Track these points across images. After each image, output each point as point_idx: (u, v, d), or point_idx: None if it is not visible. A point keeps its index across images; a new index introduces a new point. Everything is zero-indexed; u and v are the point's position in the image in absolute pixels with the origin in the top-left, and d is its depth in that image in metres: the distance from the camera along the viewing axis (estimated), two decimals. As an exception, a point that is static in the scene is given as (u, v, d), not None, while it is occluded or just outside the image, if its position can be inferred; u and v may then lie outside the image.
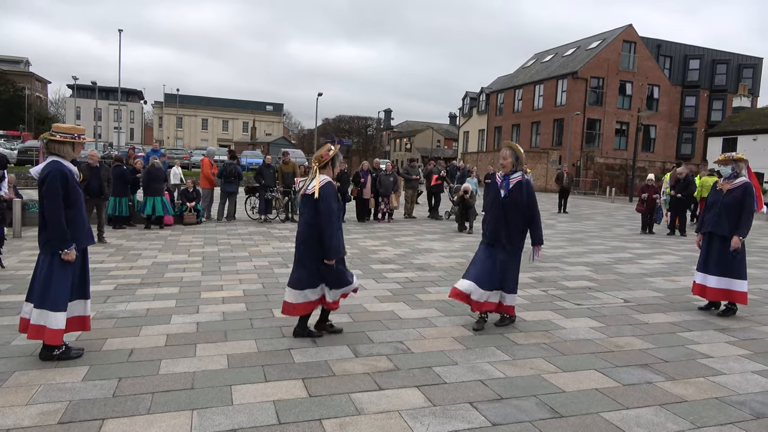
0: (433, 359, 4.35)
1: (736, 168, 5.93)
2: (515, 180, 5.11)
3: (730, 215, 5.80)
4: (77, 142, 4.17)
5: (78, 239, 4.07)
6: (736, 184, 5.85)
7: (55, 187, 3.93)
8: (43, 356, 4.09)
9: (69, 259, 3.98)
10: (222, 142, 77.31)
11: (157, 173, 12.38)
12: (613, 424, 3.32)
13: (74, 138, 4.14)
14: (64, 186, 3.97)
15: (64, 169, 4.01)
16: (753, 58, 45.95)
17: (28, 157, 30.13)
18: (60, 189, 3.94)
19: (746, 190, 5.79)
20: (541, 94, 41.97)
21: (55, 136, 4.08)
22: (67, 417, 3.22)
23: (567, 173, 20.42)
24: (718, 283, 5.85)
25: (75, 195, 4.06)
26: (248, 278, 7.23)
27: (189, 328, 5.00)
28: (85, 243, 4.18)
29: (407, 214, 16.04)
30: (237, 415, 3.30)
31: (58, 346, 4.07)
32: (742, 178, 5.88)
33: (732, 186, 5.87)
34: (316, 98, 45.62)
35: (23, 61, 77.02)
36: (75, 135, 4.16)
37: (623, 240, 12.51)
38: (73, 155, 4.20)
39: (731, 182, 5.90)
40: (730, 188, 5.87)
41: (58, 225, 3.92)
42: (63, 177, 3.97)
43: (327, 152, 4.67)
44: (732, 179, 5.91)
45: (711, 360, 4.52)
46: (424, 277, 7.58)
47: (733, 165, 5.94)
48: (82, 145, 4.28)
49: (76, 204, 4.08)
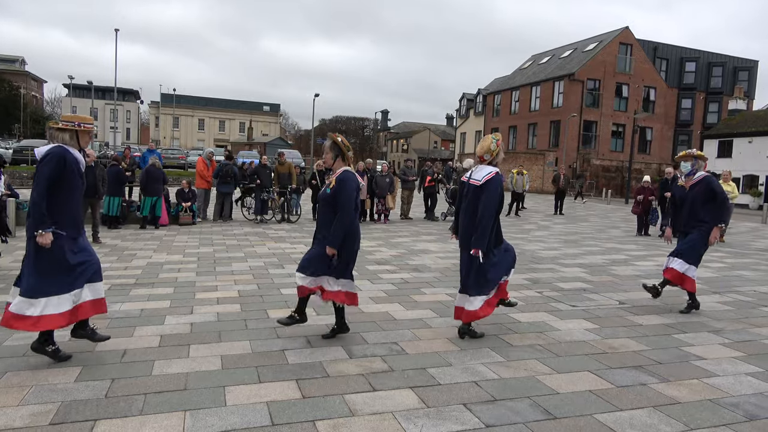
0: (427, 360, 4.35)
1: (696, 164, 6.13)
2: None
3: (698, 210, 5.99)
4: (79, 130, 4.08)
5: (64, 226, 3.93)
6: (697, 179, 6.07)
7: (47, 169, 3.84)
8: (34, 346, 4.03)
9: (42, 242, 3.80)
10: (219, 142, 77.09)
11: (155, 173, 12.36)
12: (607, 426, 3.32)
13: (75, 126, 4.07)
14: (59, 169, 3.87)
15: (66, 154, 3.93)
16: (748, 60, 46.20)
17: (23, 157, 30.03)
18: (53, 171, 3.85)
19: (708, 182, 6.00)
20: (537, 95, 42.07)
21: (58, 124, 4.07)
22: (59, 418, 3.20)
23: (563, 175, 20.46)
24: (684, 269, 6.05)
25: (72, 181, 3.96)
26: (243, 279, 7.22)
27: (183, 328, 4.98)
28: (71, 232, 4.00)
29: (404, 215, 16.04)
30: (230, 416, 3.29)
31: (50, 342, 4.03)
32: (701, 173, 6.11)
33: (693, 181, 6.09)
34: (313, 99, 45.56)
35: (19, 60, 76.74)
36: (76, 123, 4.09)
37: (618, 242, 12.53)
38: (75, 144, 4.08)
39: (691, 178, 6.12)
40: (693, 183, 6.08)
41: (38, 205, 3.80)
42: (61, 160, 3.88)
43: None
44: (692, 175, 6.13)
45: (705, 362, 4.53)
46: (420, 279, 7.58)
47: (692, 161, 6.13)
48: (88, 134, 4.17)
49: (70, 190, 3.96)
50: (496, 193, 4.70)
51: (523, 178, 18.68)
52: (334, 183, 4.61)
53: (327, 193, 4.64)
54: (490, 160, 4.87)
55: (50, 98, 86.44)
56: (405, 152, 71.18)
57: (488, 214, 4.64)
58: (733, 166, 28.87)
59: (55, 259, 3.92)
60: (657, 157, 40.27)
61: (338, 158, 4.71)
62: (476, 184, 4.77)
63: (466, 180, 4.95)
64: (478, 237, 4.65)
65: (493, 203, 4.67)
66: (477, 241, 4.66)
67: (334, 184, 4.60)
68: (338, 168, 4.71)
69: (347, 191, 4.54)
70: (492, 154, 4.87)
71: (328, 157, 4.74)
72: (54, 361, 4.04)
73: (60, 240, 3.92)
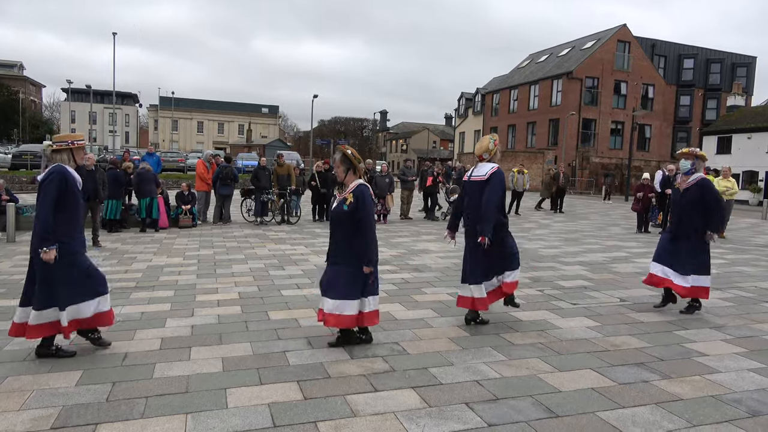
0: (428, 360, 4.34)
1: (696, 164, 5.92)
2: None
3: (690, 215, 5.82)
4: (73, 147, 4.31)
5: (66, 243, 4.11)
6: (691, 182, 5.87)
7: (52, 188, 4.04)
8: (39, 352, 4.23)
9: (47, 258, 3.97)
10: (218, 144, 77.12)
11: (147, 175, 12.40)
12: (609, 424, 3.31)
13: (68, 145, 4.29)
14: (61, 188, 4.07)
15: (66, 174, 4.14)
16: (747, 57, 46.23)
17: (22, 161, 30.04)
18: (56, 190, 4.04)
19: (703, 187, 5.80)
20: (536, 94, 42.07)
21: (53, 146, 4.27)
22: (60, 422, 3.20)
23: (563, 173, 20.47)
24: (694, 281, 5.82)
25: (72, 200, 4.15)
26: (244, 281, 7.21)
27: (184, 331, 4.97)
28: (80, 248, 4.26)
29: (403, 215, 16.03)
30: (232, 419, 3.28)
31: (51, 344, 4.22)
32: (697, 174, 5.91)
33: (688, 184, 5.89)
34: (312, 100, 45.58)
35: (17, 65, 76.74)
36: (69, 141, 4.32)
37: (619, 239, 12.52)
38: (72, 161, 4.31)
39: (687, 179, 5.93)
40: (687, 187, 5.89)
41: (44, 222, 3.98)
42: (62, 180, 4.09)
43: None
44: (689, 175, 5.93)
45: (707, 358, 4.52)
46: (420, 278, 7.57)
47: (693, 160, 5.92)
48: (81, 150, 4.41)
49: (70, 208, 4.15)
50: (499, 185, 4.95)
51: (524, 177, 18.89)
52: (351, 199, 4.41)
53: (344, 210, 4.43)
54: (489, 159, 5.12)
55: (49, 103, 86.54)
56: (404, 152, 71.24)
57: (492, 202, 4.89)
58: (732, 162, 28.87)
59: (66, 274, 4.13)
60: (656, 155, 40.26)
61: (350, 171, 4.55)
62: (481, 179, 5.00)
63: (467, 179, 5.16)
64: (483, 225, 4.87)
65: (496, 193, 4.92)
66: (483, 229, 4.87)
67: (351, 200, 4.41)
68: (351, 182, 4.55)
69: (367, 207, 4.42)
70: (490, 153, 5.13)
71: (339, 171, 4.57)
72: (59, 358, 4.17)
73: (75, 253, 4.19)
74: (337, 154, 4.65)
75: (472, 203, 5.07)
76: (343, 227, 4.49)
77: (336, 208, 4.55)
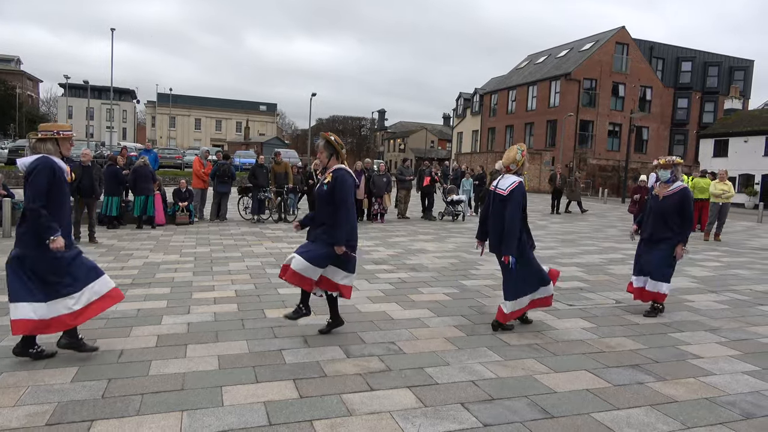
0: (424, 360, 4.35)
1: (675, 172, 5.89)
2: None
3: (667, 222, 5.78)
4: (59, 137, 4.13)
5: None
6: (673, 190, 5.82)
7: (42, 178, 3.92)
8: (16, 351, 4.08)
9: (56, 246, 3.90)
10: (215, 142, 76.96)
11: (144, 172, 12.34)
12: (604, 425, 3.32)
13: (54, 134, 4.12)
14: (50, 179, 3.95)
15: (53, 165, 4.01)
16: (744, 60, 46.33)
17: (19, 156, 29.93)
18: (45, 181, 3.93)
19: (684, 197, 5.76)
20: (534, 95, 42.12)
21: (38, 134, 4.12)
22: (55, 418, 3.19)
23: (560, 174, 20.50)
24: (652, 287, 5.84)
25: (59, 191, 4.03)
26: (240, 279, 7.20)
27: (180, 328, 4.97)
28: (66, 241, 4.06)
29: (401, 215, 16.04)
30: (227, 416, 3.28)
31: (33, 345, 4.10)
32: (678, 183, 5.87)
33: (668, 192, 5.83)
34: (310, 98, 45.55)
35: (14, 60, 76.39)
36: (54, 131, 4.14)
37: (615, 241, 12.56)
38: (58, 152, 4.14)
39: (668, 187, 5.87)
40: (667, 194, 5.83)
41: (40, 213, 3.87)
42: (50, 171, 3.97)
43: None
44: (669, 183, 5.88)
45: (701, 360, 4.54)
46: (417, 278, 7.58)
47: (672, 169, 5.89)
48: (68, 141, 4.23)
49: (60, 199, 4.04)
50: (520, 202, 5.02)
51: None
52: (330, 179, 4.68)
53: (324, 190, 4.70)
54: (516, 170, 5.16)
55: (46, 98, 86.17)
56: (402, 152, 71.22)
57: (514, 222, 4.97)
58: (729, 165, 28.94)
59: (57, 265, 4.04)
60: (653, 157, 39.99)
61: (332, 156, 4.82)
62: (502, 194, 5.09)
63: (493, 189, 5.25)
64: (506, 245, 4.96)
65: (517, 212, 5.01)
66: (506, 249, 4.97)
67: (330, 180, 4.67)
68: (333, 165, 4.80)
69: (345, 186, 4.63)
70: (518, 164, 5.17)
71: (322, 156, 4.85)
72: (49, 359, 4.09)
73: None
74: (320, 140, 4.88)
75: (494, 215, 5.17)
76: (323, 208, 4.72)
77: (318, 189, 4.84)
